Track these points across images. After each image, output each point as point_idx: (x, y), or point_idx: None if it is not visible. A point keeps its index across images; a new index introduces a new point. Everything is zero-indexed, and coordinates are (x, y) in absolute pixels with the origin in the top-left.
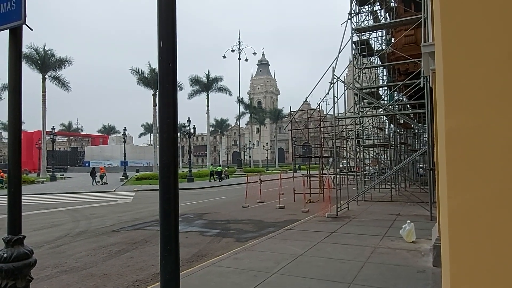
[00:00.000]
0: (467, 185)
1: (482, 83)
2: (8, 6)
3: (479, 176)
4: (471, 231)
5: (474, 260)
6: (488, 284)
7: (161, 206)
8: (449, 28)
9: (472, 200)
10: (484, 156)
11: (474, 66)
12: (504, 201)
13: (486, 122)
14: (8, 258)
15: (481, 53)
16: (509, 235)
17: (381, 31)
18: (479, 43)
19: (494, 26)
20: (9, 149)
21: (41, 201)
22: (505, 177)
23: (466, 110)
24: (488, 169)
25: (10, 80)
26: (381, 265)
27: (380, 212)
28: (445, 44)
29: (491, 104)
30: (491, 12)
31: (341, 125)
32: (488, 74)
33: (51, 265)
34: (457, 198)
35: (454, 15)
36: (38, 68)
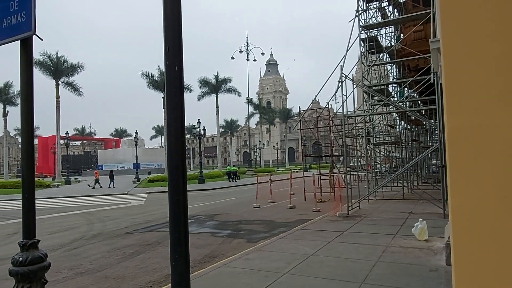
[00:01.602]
0: (469, 184)
1: (483, 82)
2: (19, 17)
3: (481, 175)
4: (473, 231)
5: (477, 260)
6: (492, 283)
7: (171, 208)
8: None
9: (474, 199)
10: (486, 155)
11: (475, 65)
12: (506, 200)
13: (487, 121)
14: (23, 261)
15: (482, 52)
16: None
17: (389, 27)
18: (480, 42)
19: (495, 25)
20: (22, 156)
21: (57, 205)
22: (506, 176)
23: (467, 109)
24: (489, 168)
25: (22, 90)
26: (393, 264)
27: (392, 210)
28: (445, 43)
29: (492, 103)
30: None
31: (351, 123)
32: (489, 73)
33: (67, 267)
34: (459, 197)
35: (454, 14)
36: (51, 75)
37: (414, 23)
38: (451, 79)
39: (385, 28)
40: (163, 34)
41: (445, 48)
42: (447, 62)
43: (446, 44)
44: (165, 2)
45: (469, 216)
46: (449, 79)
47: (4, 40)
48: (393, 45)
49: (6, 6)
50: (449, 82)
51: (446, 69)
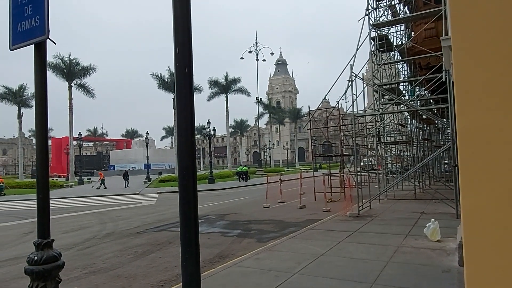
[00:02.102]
0: (481, 184)
1: (495, 81)
2: (33, 22)
3: (493, 176)
4: (486, 231)
5: (490, 261)
6: (505, 285)
7: (181, 209)
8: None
9: (486, 199)
10: (498, 155)
11: (487, 63)
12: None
13: (500, 120)
14: (38, 260)
15: (494, 50)
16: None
17: (400, 25)
18: (492, 39)
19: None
20: (37, 158)
21: (70, 204)
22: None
23: (478, 108)
24: (502, 169)
25: (36, 92)
26: (405, 265)
27: (403, 210)
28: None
29: (505, 102)
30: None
31: (361, 122)
32: (502, 71)
33: (80, 266)
34: (472, 197)
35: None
36: (64, 77)
37: (425, 20)
38: (462, 78)
39: (396, 26)
40: (173, 36)
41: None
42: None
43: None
44: (175, 5)
45: (481, 216)
46: (460, 78)
47: (19, 44)
48: (404, 43)
49: (21, 11)
50: (460, 81)
51: (457, 68)
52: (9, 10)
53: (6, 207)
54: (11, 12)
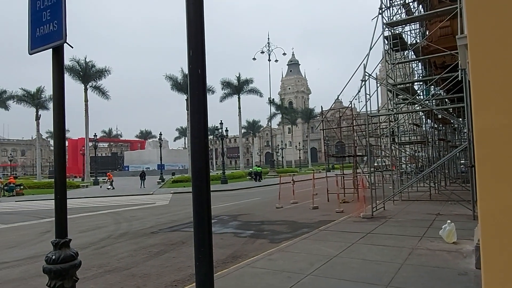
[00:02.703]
0: (498, 186)
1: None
2: (51, 27)
3: (510, 177)
4: (503, 233)
5: (507, 264)
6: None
7: (194, 209)
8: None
9: (504, 201)
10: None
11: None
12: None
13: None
14: (56, 259)
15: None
16: None
17: (414, 24)
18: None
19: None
20: (55, 159)
21: (86, 204)
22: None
23: (495, 108)
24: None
25: (54, 94)
26: (420, 267)
27: (418, 211)
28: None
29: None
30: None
31: (375, 122)
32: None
33: (96, 265)
34: (489, 199)
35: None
36: (80, 79)
37: (440, 19)
38: (478, 77)
39: (410, 25)
40: (187, 39)
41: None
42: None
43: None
44: (188, 8)
45: (499, 218)
46: (476, 77)
47: (38, 48)
48: (418, 42)
49: (39, 16)
50: (476, 80)
51: (474, 67)
52: (28, 16)
53: (25, 206)
54: (30, 17)
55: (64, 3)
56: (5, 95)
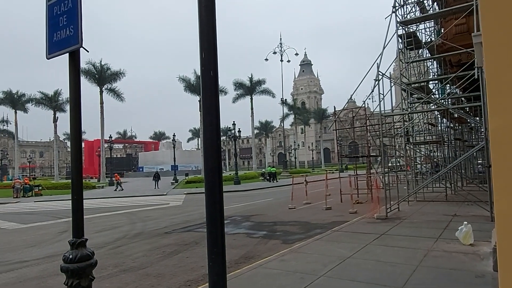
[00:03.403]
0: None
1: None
2: (67, 32)
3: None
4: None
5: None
6: None
7: (207, 210)
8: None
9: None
10: None
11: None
12: None
13: None
14: (73, 259)
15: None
16: None
17: (429, 22)
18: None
19: None
20: (72, 161)
21: (102, 205)
22: None
23: (511, 108)
24: None
25: (71, 98)
26: (436, 269)
27: (434, 212)
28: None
29: None
30: None
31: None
32: None
33: (111, 264)
34: (505, 200)
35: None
36: (96, 82)
37: (455, 16)
38: (494, 76)
39: (424, 23)
40: (199, 41)
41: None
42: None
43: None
44: (200, 11)
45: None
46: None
47: (55, 53)
48: (433, 40)
49: (56, 22)
50: (492, 79)
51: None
52: (45, 21)
53: (43, 207)
54: (47, 22)
55: (80, 9)
56: (24, 98)
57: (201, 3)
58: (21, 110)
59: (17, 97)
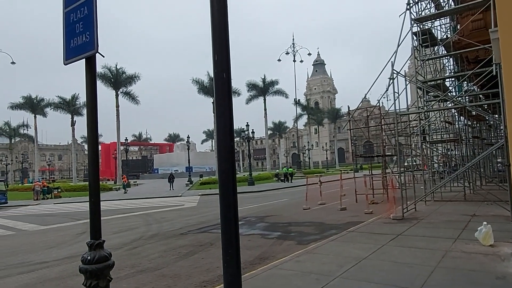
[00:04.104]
0: None
1: None
2: (83, 38)
3: None
4: None
5: None
6: None
7: (222, 211)
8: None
9: None
10: None
11: None
12: None
13: None
14: (91, 260)
15: None
16: None
17: (444, 18)
18: None
19: None
20: (89, 164)
21: (119, 206)
22: None
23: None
24: None
25: (87, 102)
26: (454, 270)
27: (452, 212)
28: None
29: None
30: None
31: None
32: None
33: (128, 265)
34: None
35: None
36: (112, 86)
37: (472, 12)
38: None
39: (440, 20)
40: (211, 43)
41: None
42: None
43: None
44: (213, 13)
45: None
46: (509, 72)
47: (72, 59)
48: (449, 37)
49: (73, 28)
50: (510, 75)
51: (506, 63)
52: (62, 28)
53: (63, 208)
54: (64, 29)
55: (96, 15)
56: (43, 103)
57: (214, 6)
58: (40, 114)
59: (37, 101)
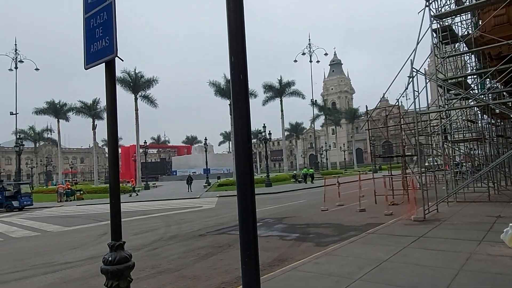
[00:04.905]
0: None
1: None
2: (103, 42)
3: None
4: None
5: None
6: None
7: (240, 213)
8: None
9: None
10: None
11: None
12: None
13: None
14: (112, 261)
15: None
16: None
17: (465, 14)
18: None
19: None
20: (109, 167)
21: (138, 208)
22: None
23: None
24: None
25: (107, 106)
26: (479, 274)
27: (475, 214)
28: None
29: None
30: None
31: (425, 120)
32: None
33: (148, 266)
34: None
35: None
36: (131, 89)
37: (494, 7)
38: None
39: (460, 16)
40: (228, 45)
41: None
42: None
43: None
44: (229, 15)
45: None
46: None
47: (92, 63)
48: (470, 33)
49: (93, 33)
50: None
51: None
52: (83, 34)
53: (85, 210)
54: (85, 34)
55: (115, 20)
56: (65, 108)
57: (230, 8)
58: (63, 119)
59: (59, 106)
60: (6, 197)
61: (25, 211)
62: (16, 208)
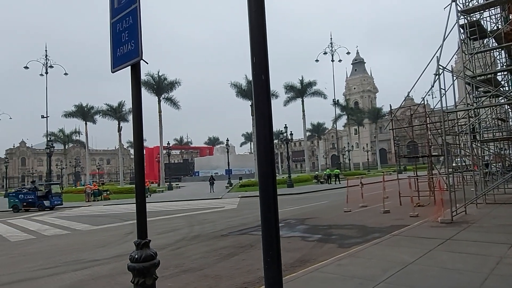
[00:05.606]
0: None
1: None
2: (129, 46)
3: None
4: None
5: None
6: None
7: (262, 214)
8: None
9: None
10: None
11: None
12: None
13: None
14: (138, 258)
15: None
16: None
17: (494, 8)
18: None
19: None
20: (135, 167)
21: (162, 208)
22: None
23: None
24: None
25: (133, 108)
26: (510, 278)
27: (506, 216)
28: None
29: None
30: None
31: (452, 119)
32: None
33: (172, 265)
34: None
35: None
36: (154, 92)
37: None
38: None
39: (489, 10)
40: (250, 46)
41: None
42: None
43: None
44: (251, 16)
45: None
46: None
47: (119, 66)
48: (500, 28)
49: (119, 37)
50: None
51: None
52: (110, 38)
53: (111, 210)
54: (111, 39)
55: (140, 24)
56: (92, 111)
57: (251, 9)
58: (90, 121)
59: (87, 109)
60: (38, 197)
61: (55, 210)
62: (47, 208)
